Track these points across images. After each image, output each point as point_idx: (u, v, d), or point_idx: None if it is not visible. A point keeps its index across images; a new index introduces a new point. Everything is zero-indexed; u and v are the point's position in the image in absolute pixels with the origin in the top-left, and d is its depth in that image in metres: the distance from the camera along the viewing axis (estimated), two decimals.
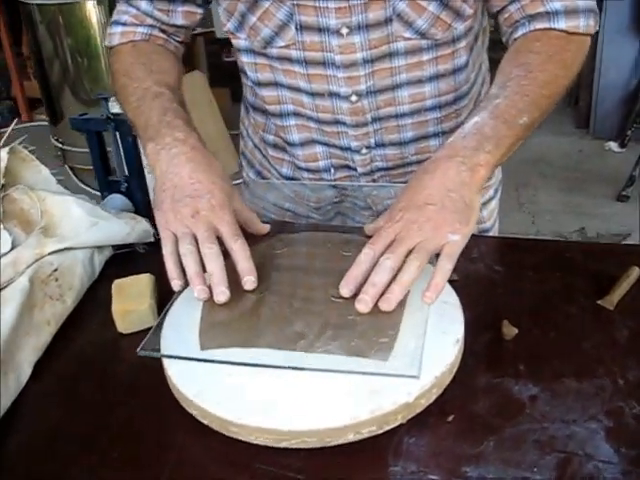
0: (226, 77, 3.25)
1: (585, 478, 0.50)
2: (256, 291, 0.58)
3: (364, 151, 0.83)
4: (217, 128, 2.82)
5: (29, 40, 2.66)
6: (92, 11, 2.39)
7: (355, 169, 0.84)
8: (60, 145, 2.71)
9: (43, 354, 0.67)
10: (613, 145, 2.76)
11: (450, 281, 0.69)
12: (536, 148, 2.81)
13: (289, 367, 0.52)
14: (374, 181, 0.86)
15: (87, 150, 0.90)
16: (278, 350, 0.54)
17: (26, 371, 0.65)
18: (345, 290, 0.56)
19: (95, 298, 0.77)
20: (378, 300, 0.56)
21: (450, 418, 0.56)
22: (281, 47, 0.76)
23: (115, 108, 0.84)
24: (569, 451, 0.52)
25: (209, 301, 0.60)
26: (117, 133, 0.86)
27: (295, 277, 0.60)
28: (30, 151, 0.83)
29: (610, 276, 0.72)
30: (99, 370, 0.66)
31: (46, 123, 2.97)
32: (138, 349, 0.57)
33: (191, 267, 0.60)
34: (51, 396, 0.63)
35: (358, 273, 0.57)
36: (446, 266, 0.58)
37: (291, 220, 0.91)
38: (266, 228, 0.69)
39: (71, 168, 2.76)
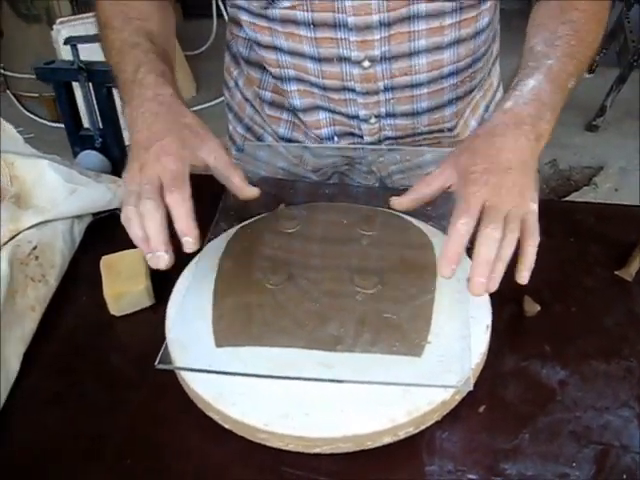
0: None
1: (624, 472, 0.49)
2: (274, 281, 0.53)
3: (373, 120, 0.76)
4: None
5: None
6: None
7: (361, 137, 0.78)
8: (1, 70, 2.48)
9: (30, 344, 0.61)
10: None
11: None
12: (504, 73, 2.75)
13: (328, 380, 0.48)
14: (380, 142, 0.79)
15: (32, 76, 0.78)
16: (307, 350, 0.50)
17: (14, 366, 0.58)
18: (447, 270, 0.49)
19: (78, 274, 0.70)
20: None
21: (481, 409, 0.54)
22: (285, 8, 0.67)
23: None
24: (605, 442, 0.51)
25: (222, 286, 0.55)
26: (89, 84, 0.76)
27: (314, 264, 0.55)
28: None
29: (623, 242, 0.70)
30: (96, 361, 0.60)
31: None
32: (156, 362, 0.51)
33: (133, 232, 0.51)
34: (45, 395, 0.58)
35: (459, 248, 0.49)
36: (536, 237, 0.54)
37: (285, 178, 0.84)
38: (254, 192, 0.58)
39: (14, 95, 2.54)
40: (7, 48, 2.46)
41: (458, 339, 0.53)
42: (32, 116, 2.47)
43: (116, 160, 0.82)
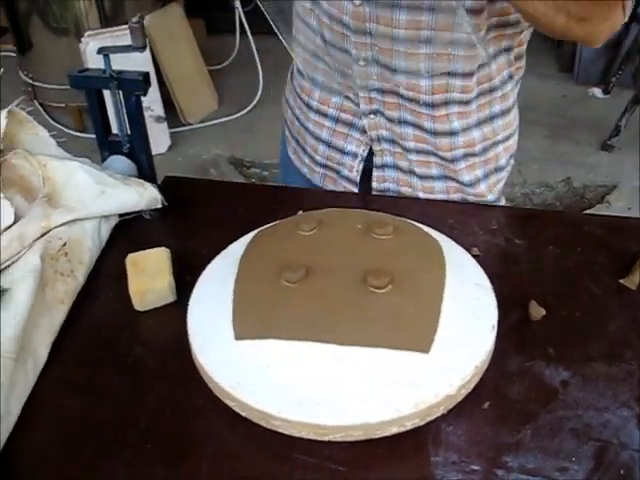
0: (201, 7, 3.08)
1: (622, 468, 0.51)
2: (291, 278, 0.56)
3: (362, 63, 0.81)
4: (196, 64, 2.70)
5: None
6: None
7: (355, 81, 0.83)
8: (30, 80, 2.55)
9: (58, 335, 0.65)
10: (597, 91, 2.75)
11: (473, 256, 0.69)
12: (521, 92, 2.78)
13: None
14: (370, 100, 0.85)
15: (61, 86, 0.83)
16: (320, 344, 0.53)
17: (43, 355, 0.62)
18: None
19: (105, 271, 0.74)
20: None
21: (486, 405, 0.56)
22: None
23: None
24: (604, 439, 0.53)
25: (241, 284, 0.58)
26: (120, 92, 0.80)
27: (329, 264, 0.58)
28: None
29: (629, 252, 0.72)
30: (120, 353, 0.63)
31: (10, 54, 2.78)
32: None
33: None
34: (72, 383, 0.61)
35: None
36: None
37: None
38: None
39: (42, 105, 2.61)
40: (35, 59, 2.54)
41: (464, 337, 0.55)
42: (58, 125, 2.54)
43: (142, 165, 0.86)
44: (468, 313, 0.58)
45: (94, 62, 1.87)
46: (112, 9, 2.45)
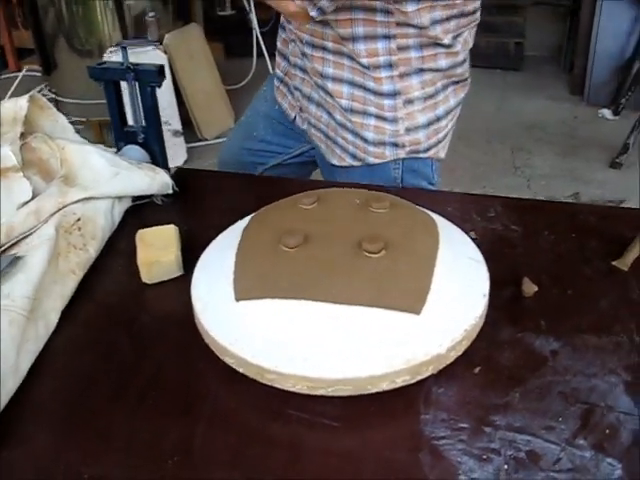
0: (220, 32, 3.19)
1: (607, 428, 0.52)
2: (290, 243, 0.59)
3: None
4: (214, 82, 2.77)
5: None
6: None
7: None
8: (53, 95, 2.65)
9: (68, 304, 0.68)
10: (607, 112, 2.77)
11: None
12: (531, 113, 2.82)
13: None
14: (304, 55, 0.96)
15: (83, 101, 0.89)
16: (316, 302, 0.55)
17: (53, 319, 0.65)
18: None
19: (116, 249, 0.77)
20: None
21: (477, 370, 0.58)
22: None
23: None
24: (591, 402, 0.55)
25: (243, 251, 0.61)
26: (136, 83, 0.85)
27: (327, 232, 0.60)
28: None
29: (622, 239, 0.74)
30: (126, 319, 0.66)
31: (36, 73, 2.89)
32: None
33: None
34: (80, 344, 0.64)
35: None
36: None
37: None
38: None
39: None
40: (60, 78, 2.65)
41: (455, 303, 0.58)
42: (80, 138, 2.62)
43: (156, 154, 0.90)
44: (459, 281, 0.60)
45: None
46: (134, 30, 2.54)
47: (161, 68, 0.85)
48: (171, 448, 0.52)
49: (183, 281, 0.70)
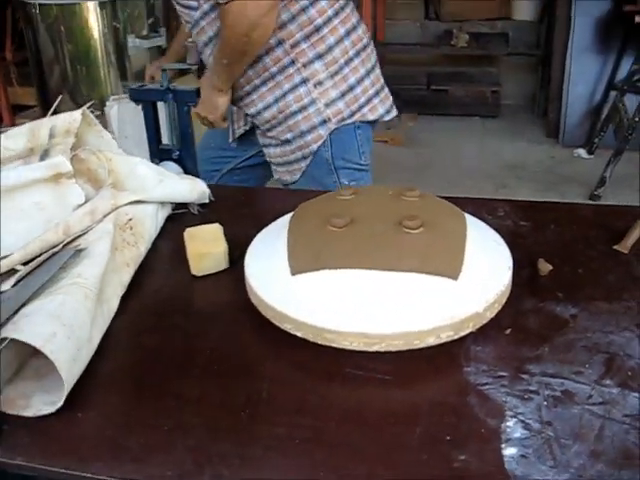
0: None
1: (629, 370, 0.59)
2: (338, 224, 0.66)
3: None
4: None
5: (28, 43, 2.67)
6: (94, 17, 2.44)
7: None
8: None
9: (124, 294, 0.73)
10: (582, 152, 2.94)
11: None
12: (511, 155, 2.98)
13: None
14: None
15: None
16: (366, 270, 0.62)
17: (114, 304, 0.70)
18: None
19: (159, 251, 0.83)
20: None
21: (508, 331, 0.65)
22: None
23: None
24: (612, 352, 0.62)
25: (293, 234, 0.68)
26: (174, 103, 0.93)
27: (369, 215, 0.68)
28: None
29: (619, 228, 0.82)
30: (181, 305, 0.72)
31: None
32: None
33: None
34: (141, 327, 0.69)
35: None
36: None
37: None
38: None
39: None
40: None
41: (486, 272, 0.65)
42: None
43: (189, 170, 0.97)
44: (487, 256, 0.67)
45: (118, 123, 2.03)
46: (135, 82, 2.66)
47: (198, 89, 0.93)
48: (242, 403, 0.58)
49: (229, 273, 0.76)
